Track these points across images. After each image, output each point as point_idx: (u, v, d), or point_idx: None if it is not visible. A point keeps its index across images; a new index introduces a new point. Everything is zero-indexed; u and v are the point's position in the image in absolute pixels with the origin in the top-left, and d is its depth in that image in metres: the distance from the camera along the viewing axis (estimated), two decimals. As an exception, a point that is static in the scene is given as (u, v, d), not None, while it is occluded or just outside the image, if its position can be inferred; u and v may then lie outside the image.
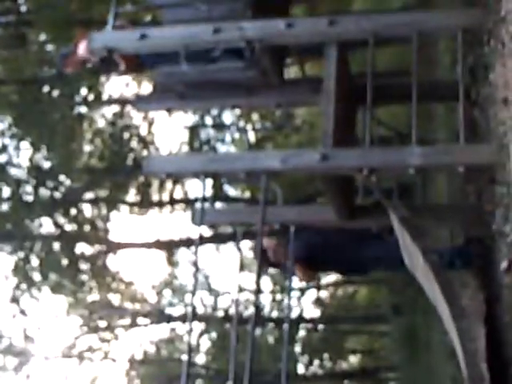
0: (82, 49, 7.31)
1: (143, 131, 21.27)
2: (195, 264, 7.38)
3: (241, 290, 6.99)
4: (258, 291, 7.13)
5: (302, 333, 30.06)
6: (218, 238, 22.51)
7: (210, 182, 18.21)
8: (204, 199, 7.23)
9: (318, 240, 7.92)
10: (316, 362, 30.91)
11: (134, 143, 20.75)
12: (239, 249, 9.98)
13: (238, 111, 20.30)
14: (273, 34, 6.64)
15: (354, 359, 36.72)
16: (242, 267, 8.33)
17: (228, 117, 21.26)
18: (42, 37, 17.78)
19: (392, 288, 23.96)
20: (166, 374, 27.50)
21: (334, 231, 7.96)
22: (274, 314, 28.40)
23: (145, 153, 20.37)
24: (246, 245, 20.76)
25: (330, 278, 30.67)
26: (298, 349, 29.48)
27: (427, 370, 18.15)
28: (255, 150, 19.56)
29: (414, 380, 22.42)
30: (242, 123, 22.02)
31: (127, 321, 28.32)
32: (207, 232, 20.77)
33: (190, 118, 20.92)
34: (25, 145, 18.91)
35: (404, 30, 6.61)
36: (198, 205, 7.20)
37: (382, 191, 7.55)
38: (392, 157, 6.37)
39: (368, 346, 35.59)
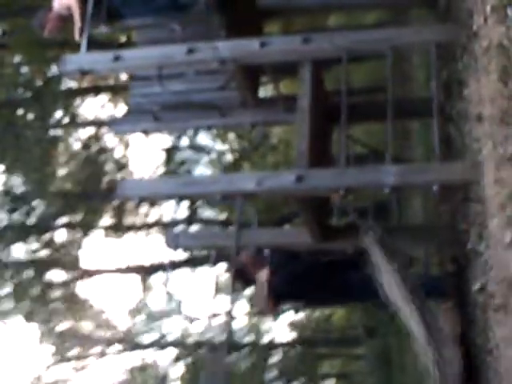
0: (57, 2, 7.13)
1: (118, 154, 21.25)
2: (167, 289, 7.36)
3: (214, 315, 6.96)
4: (230, 322, 7.14)
5: (277, 357, 29.94)
6: (193, 262, 22.43)
7: (185, 204, 18.20)
8: (178, 222, 7.23)
9: (298, 274, 7.73)
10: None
11: (109, 166, 20.69)
12: (214, 273, 9.94)
13: (213, 132, 20.32)
14: (247, 54, 6.65)
15: (328, 383, 36.64)
16: (217, 291, 8.32)
17: (204, 138, 21.27)
18: (17, 59, 17.70)
19: (366, 310, 23.93)
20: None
21: (310, 262, 7.76)
22: (247, 339, 28.29)
23: (120, 176, 20.29)
24: (222, 267, 20.73)
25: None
26: (273, 374, 29.36)
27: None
28: (232, 170, 19.55)
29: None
30: (218, 144, 22.02)
31: (99, 349, 28.07)
32: (182, 255, 20.72)
33: (166, 140, 20.90)
34: (-2, 169, 18.80)
35: (378, 46, 6.62)
36: (172, 228, 7.16)
37: (356, 211, 7.54)
38: (367, 176, 6.36)
39: (343, 369, 35.51)
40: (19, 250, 20.45)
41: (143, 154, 22.29)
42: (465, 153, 6.38)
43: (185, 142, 20.34)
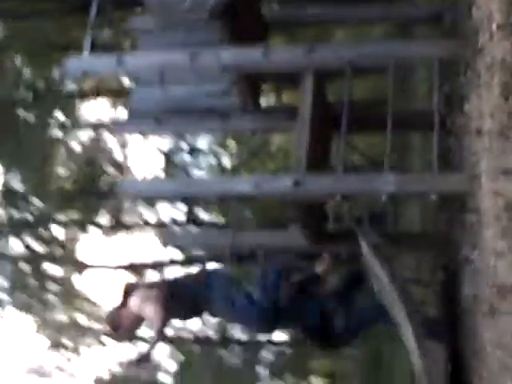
0: (134, 303, 6.69)
1: (118, 156, 21.28)
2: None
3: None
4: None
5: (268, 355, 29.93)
6: (188, 261, 22.45)
7: (183, 206, 18.24)
8: (175, 222, 7.27)
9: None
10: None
11: (109, 167, 20.72)
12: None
13: (213, 137, 20.35)
14: (249, 62, 6.72)
15: (316, 382, 36.55)
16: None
17: (203, 142, 21.29)
18: (18, 61, 17.73)
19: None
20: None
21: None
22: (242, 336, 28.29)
23: (119, 177, 20.32)
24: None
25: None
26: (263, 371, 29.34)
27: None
28: (230, 176, 19.54)
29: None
30: (217, 149, 22.03)
31: (94, 341, 28.07)
32: (178, 255, 20.74)
33: (166, 143, 20.93)
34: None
35: (381, 59, 6.71)
36: (169, 228, 7.21)
37: (353, 218, 7.59)
38: (365, 184, 6.42)
39: (332, 368, 35.43)
40: (16, 245, 20.49)
41: (143, 157, 22.25)
42: (463, 165, 6.44)
43: (184, 145, 20.36)
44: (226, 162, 22.20)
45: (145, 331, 7.35)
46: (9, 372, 27.44)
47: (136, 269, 24.07)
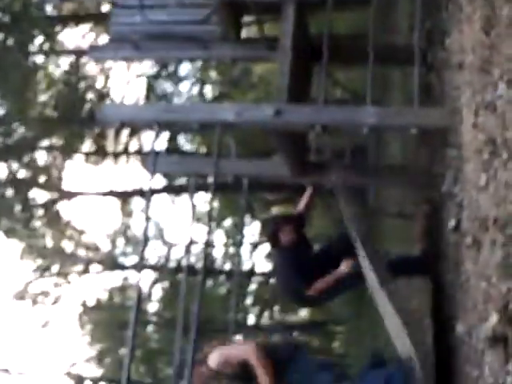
0: (215, 360, 6.37)
1: (99, 83, 21.07)
2: (146, 211, 7.34)
3: (192, 241, 6.95)
4: (208, 243, 7.14)
5: (253, 286, 30.22)
6: (172, 189, 22.48)
7: (165, 135, 18.14)
8: (157, 152, 7.19)
9: None
10: (266, 313, 31.17)
11: (90, 94, 20.52)
12: (192, 200, 9.88)
13: (195, 66, 20.19)
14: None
15: (303, 312, 37.02)
16: (195, 219, 8.27)
17: (185, 69, 21.09)
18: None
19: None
20: (118, 321, 27.54)
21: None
22: (227, 266, 28.48)
23: (100, 104, 20.11)
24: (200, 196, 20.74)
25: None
26: (249, 301, 29.62)
27: (374, 323, 18.42)
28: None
29: (360, 332, 22.73)
30: (198, 78, 21.83)
31: (80, 267, 28.25)
32: (161, 182, 20.78)
33: (148, 70, 20.72)
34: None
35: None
36: (151, 155, 7.13)
37: (334, 151, 7.55)
38: (345, 115, 6.41)
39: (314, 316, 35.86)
40: (0, 169, 20.39)
41: (124, 84, 22.04)
42: (444, 100, 6.41)
43: (166, 73, 20.15)
44: (208, 91, 22.09)
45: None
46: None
47: (120, 196, 24.15)
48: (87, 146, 22.74)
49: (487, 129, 4.84)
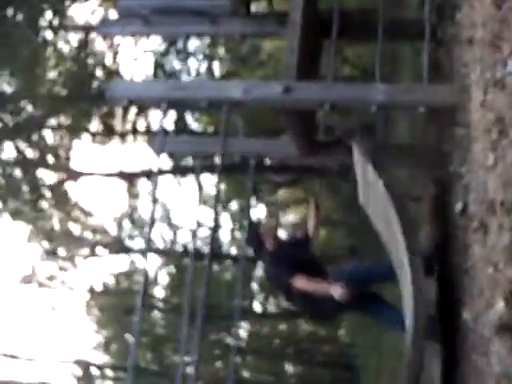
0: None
1: (108, 60, 20.97)
2: (153, 193, 7.31)
3: (199, 225, 6.93)
4: (215, 227, 7.12)
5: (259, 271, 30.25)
6: (178, 170, 22.38)
7: (172, 114, 18.07)
8: (165, 131, 7.16)
9: None
10: (272, 300, 31.10)
11: (99, 71, 20.44)
12: (199, 182, 9.84)
13: (203, 43, 20.07)
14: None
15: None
16: (202, 201, 8.24)
17: (193, 46, 20.97)
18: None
19: (349, 230, 24.03)
20: (124, 306, 27.56)
21: None
22: (233, 251, 28.42)
23: (109, 81, 19.99)
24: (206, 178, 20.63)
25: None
26: (255, 287, 29.56)
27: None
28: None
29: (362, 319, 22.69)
30: (207, 54, 21.71)
31: (86, 251, 28.21)
32: (167, 162, 20.70)
33: (156, 47, 20.62)
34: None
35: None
36: (159, 134, 7.12)
37: (344, 129, 7.50)
38: (354, 92, 6.38)
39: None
40: (8, 149, 20.33)
41: (133, 60, 21.91)
42: (453, 77, 6.37)
43: (174, 49, 20.05)
44: (216, 68, 21.98)
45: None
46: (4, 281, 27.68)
47: (126, 178, 24.10)
48: (95, 125, 22.66)
49: (496, 107, 4.80)
